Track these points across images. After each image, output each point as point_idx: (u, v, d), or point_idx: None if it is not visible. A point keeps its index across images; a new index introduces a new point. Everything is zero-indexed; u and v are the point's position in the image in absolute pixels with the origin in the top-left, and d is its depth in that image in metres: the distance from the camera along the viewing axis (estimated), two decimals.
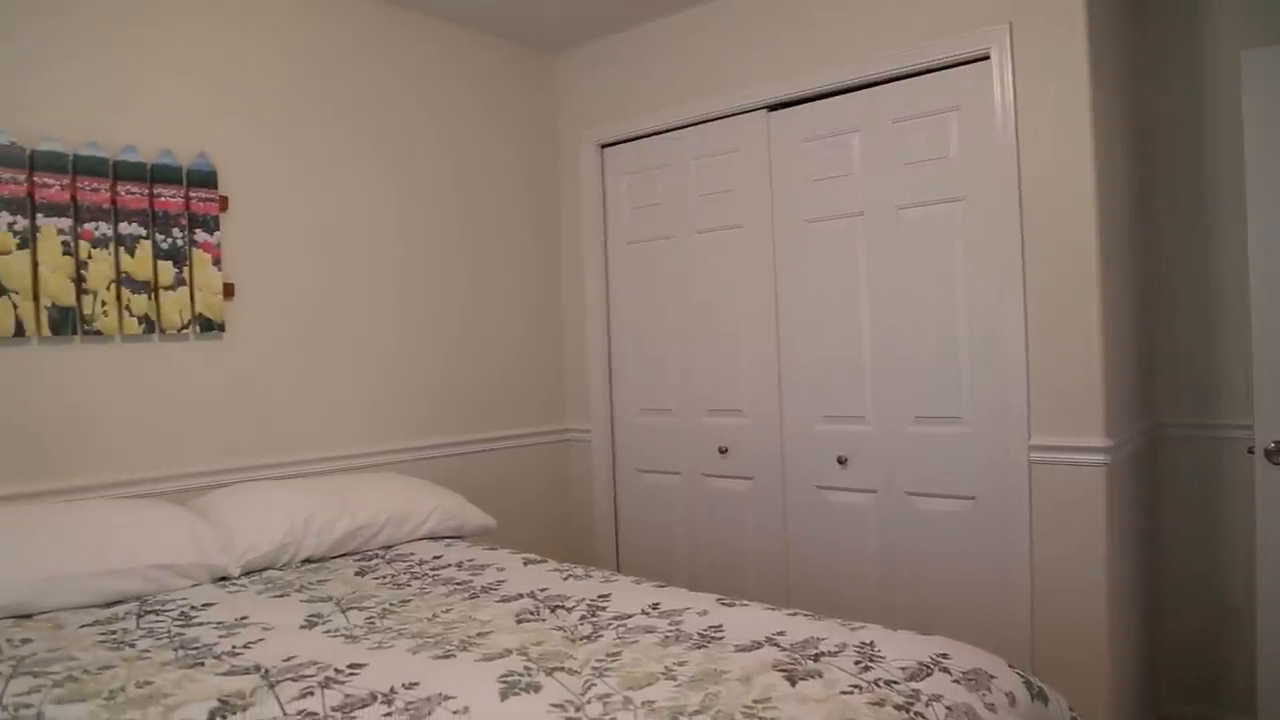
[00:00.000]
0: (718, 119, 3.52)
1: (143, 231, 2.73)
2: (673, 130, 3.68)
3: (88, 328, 2.63)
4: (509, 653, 1.76)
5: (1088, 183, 2.62)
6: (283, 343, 3.11)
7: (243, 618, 2.06)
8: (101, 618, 2.09)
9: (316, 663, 1.73)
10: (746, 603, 2.09)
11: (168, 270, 2.78)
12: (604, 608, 2.07)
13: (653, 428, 3.80)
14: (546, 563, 2.55)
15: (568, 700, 1.51)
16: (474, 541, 2.96)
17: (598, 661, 1.70)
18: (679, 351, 3.70)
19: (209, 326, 2.88)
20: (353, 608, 2.13)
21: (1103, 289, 2.64)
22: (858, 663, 1.67)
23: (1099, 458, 2.61)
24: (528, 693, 1.55)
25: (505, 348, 3.86)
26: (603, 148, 3.94)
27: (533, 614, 2.04)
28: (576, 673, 1.64)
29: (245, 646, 1.85)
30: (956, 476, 2.93)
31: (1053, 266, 2.69)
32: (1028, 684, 1.72)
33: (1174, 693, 3.14)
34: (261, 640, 1.89)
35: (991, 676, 1.67)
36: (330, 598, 2.22)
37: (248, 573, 2.49)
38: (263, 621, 2.03)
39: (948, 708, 1.51)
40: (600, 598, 2.15)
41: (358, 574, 2.48)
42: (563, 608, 2.08)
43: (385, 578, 2.43)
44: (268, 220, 3.08)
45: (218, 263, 2.90)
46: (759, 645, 1.78)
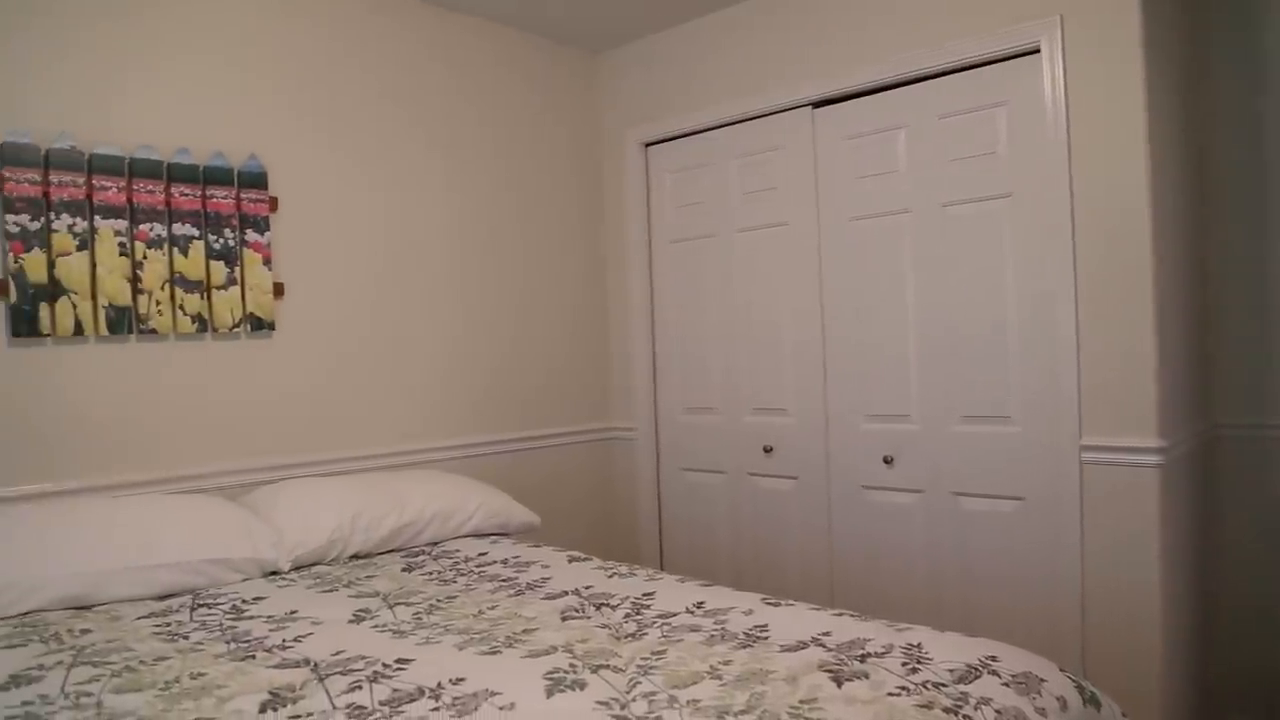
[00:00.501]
0: (761, 117, 3.50)
1: (195, 232, 2.79)
2: (716, 128, 3.67)
3: (143, 327, 2.69)
4: (554, 650, 1.77)
5: (1141, 177, 2.57)
6: (331, 342, 3.15)
7: (292, 612, 2.10)
8: (156, 610, 2.13)
9: (365, 657, 1.76)
10: (792, 602, 2.07)
11: (219, 270, 2.84)
12: (648, 606, 2.07)
13: (697, 426, 3.80)
14: (591, 560, 2.56)
15: (613, 698, 1.52)
16: (518, 539, 2.98)
17: (642, 660, 1.70)
18: (723, 350, 3.69)
19: (259, 325, 2.93)
20: (400, 603, 2.15)
21: (1157, 286, 2.58)
22: (905, 664, 1.65)
23: (1152, 458, 2.56)
24: (573, 690, 1.56)
25: (550, 346, 3.88)
26: (646, 146, 3.94)
27: (577, 611, 2.05)
28: (621, 670, 1.65)
29: (295, 640, 1.88)
30: (1005, 476, 2.88)
31: (1105, 263, 2.64)
32: (1079, 688, 1.69)
33: (1231, 703, 3.06)
34: (311, 634, 1.92)
35: (1042, 680, 1.64)
36: (378, 593, 2.25)
37: (297, 568, 2.52)
38: (312, 616, 2.06)
39: (997, 711, 1.49)
40: (645, 596, 2.15)
41: (404, 570, 2.51)
42: (607, 605, 2.09)
43: (431, 574, 2.46)
44: (317, 220, 3.12)
45: (268, 262, 2.95)
46: (804, 645, 1.77)
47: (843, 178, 3.26)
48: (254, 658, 1.77)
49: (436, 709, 1.49)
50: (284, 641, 1.87)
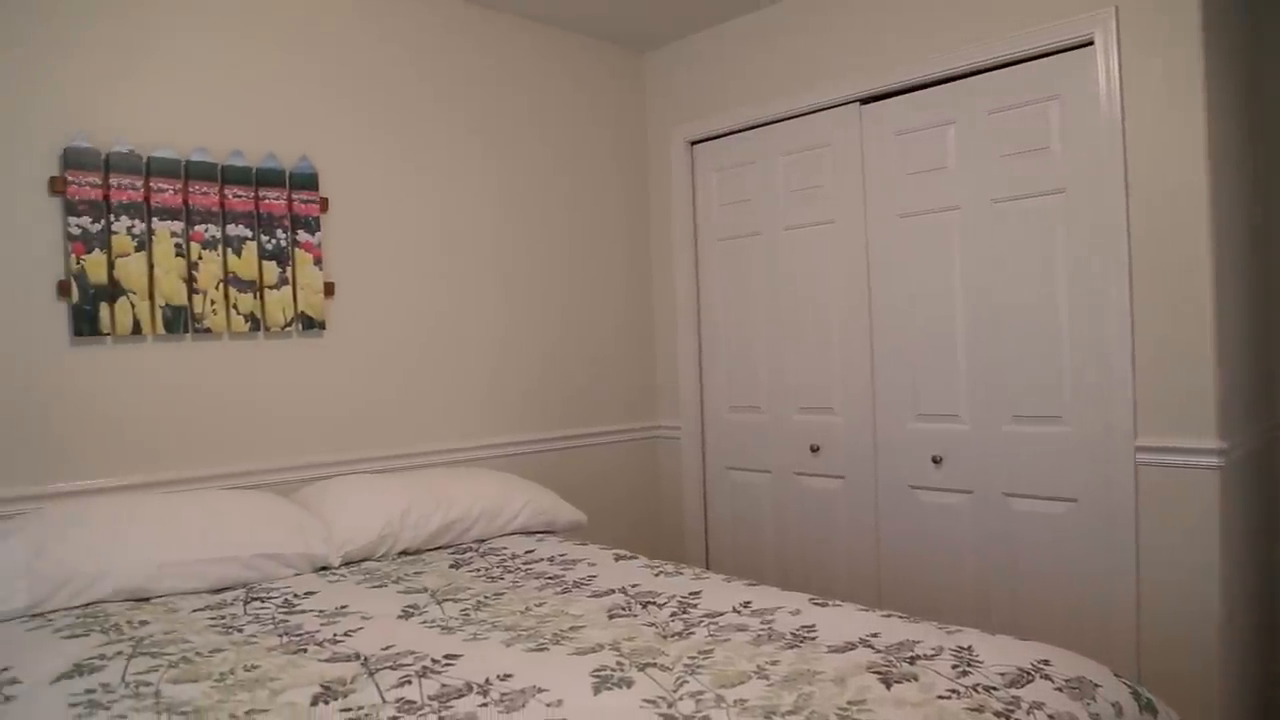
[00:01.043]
0: (808, 114, 3.48)
1: (248, 233, 2.84)
2: (762, 126, 3.65)
3: (198, 326, 2.74)
4: (601, 648, 1.77)
5: (1200, 171, 2.51)
6: (381, 340, 3.19)
7: (343, 607, 2.13)
8: (211, 603, 2.18)
9: (414, 652, 1.78)
10: (839, 603, 2.06)
11: (272, 270, 2.89)
12: (695, 605, 2.07)
13: (743, 425, 3.78)
14: (637, 559, 2.56)
15: (660, 696, 1.52)
16: (565, 537, 2.99)
17: (689, 659, 1.70)
18: (769, 348, 3.67)
19: (310, 324, 2.98)
20: (448, 599, 2.17)
21: (1216, 283, 2.52)
22: (955, 667, 1.63)
23: (1212, 460, 2.50)
24: (620, 688, 1.56)
25: (597, 345, 3.89)
26: (692, 144, 3.93)
27: (624, 610, 2.05)
28: (668, 669, 1.64)
29: (345, 635, 1.91)
30: (1057, 478, 2.83)
31: (1161, 260, 2.58)
32: (1135, 695, 1.66)
33: None
34: (361, 629, 1.94)
35: (1096, 685, 1.61)
36: (426, 589, 2.27)
37: (347, 563, 2.56)
38: (362, 611, 2.09)
39: (1050, 716, 1.47)
40: (691, 595, 2.15)
41: (452, 567, 2.53)
42: (654, 604, 2.09)
43: (479, 571, 2.48)
44: (367, 220, 3.16)
45: (319, 262, 2.99)
46: (853, 646, 1.75)
47: (891, 174, 3.23)
48: (305, 651, 1.80)
49: (485, 705, 1.50)
50: (335, 636, 1.90)
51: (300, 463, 2.96)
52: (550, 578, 2.38)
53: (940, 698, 1.49)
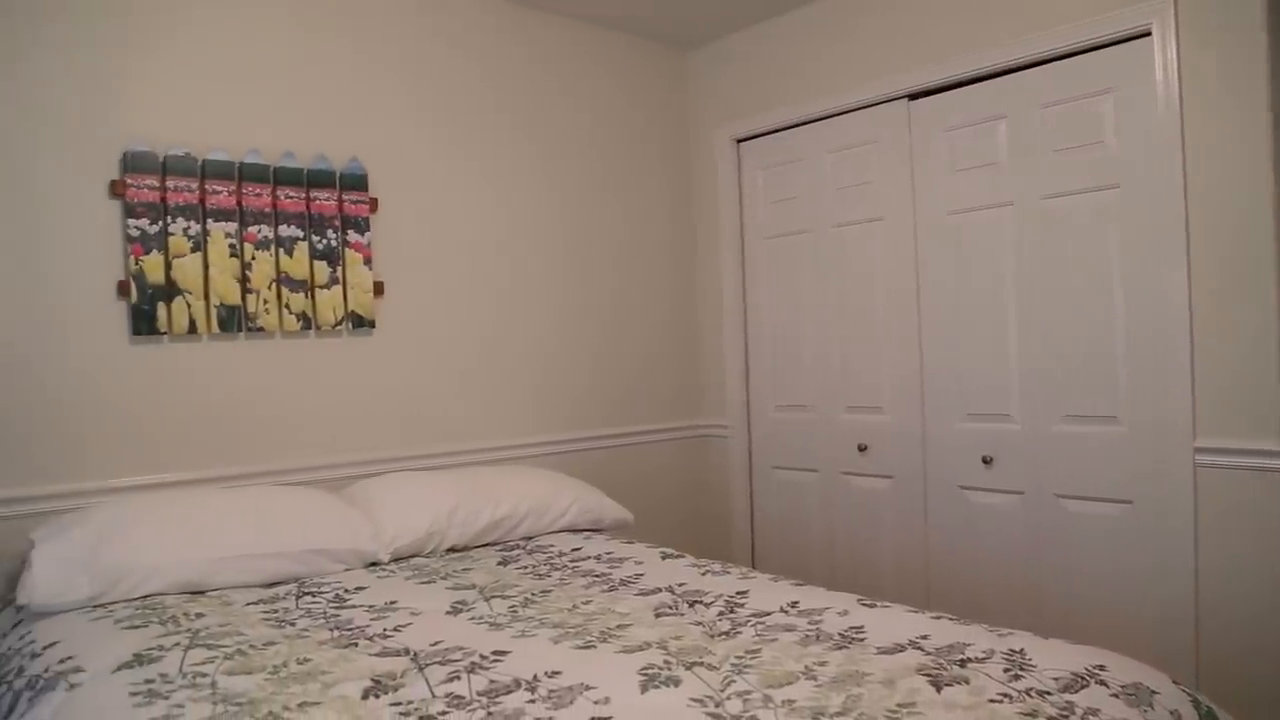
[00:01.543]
0: (855, 110, 3.45)
1: (300, 233, 2.88)
2: (809, 123, 3.62)
3: (251, 325, 2.79)
4: (648, 646, 1.77)
5: (1263, 165, 2.44)
6: (429, 339, 3.22)
7: (392, 602, 2.15)
8: (265, 596, 2.22)
9: (462, 648, 1.79)
10: (888, 604, 2.04)
11: (323, 270, 2.93)
12: (742, 604, 2.06)
13: (790, 424, 3.76)
14: (684, 558, 2.56)
15: (707, 695, 1.51)
16: (611, 535, 3.00)
17: (736, 658, 1.69)
18: (816, 347, 3.64)
19: (360, 323, 3.02)
20: (495, 596, 2.19)
21: None
22: (1007, 670, 1.61)
23: (1276, 462, 2.43)
24: (667, 686, 1.56)
25: (643, 343, 3.89)
26: (738, 142, 3.92)
27: (671, 608, 2.05)
28: (715, 668, 1.64)
29: (395, 630, 1.93)
30: (1111, 479, 2.78)
31: (1222, 256, 2.52)
32: (1195, 703, 1.61)
33: None
34: (410, 624, 1.96)
35: (1154, 692, 1.57)
36: (474, 586, 2.29)
37: (396, 559, 2.59)
38: (411, 606, 2.11)
39: None
40: (738, 594, 2.14)
41: (500, 563, 2.55)
42: (701, 603, 2.08)
43: (526, 568, 2.49)
44: (415, 220, 3.20)
45: (368, 262, 3.03)
46: (902, 648, 1.73)
47: (940, 170, 3.19)
48: (356, 645, 1.82)
49: (533, 701, 1.51)
50: (384, 630, 1.92)
51: (350, 460, 3.00)
52: (597, 576, 2.38)
53: (992, 701, 1.47)
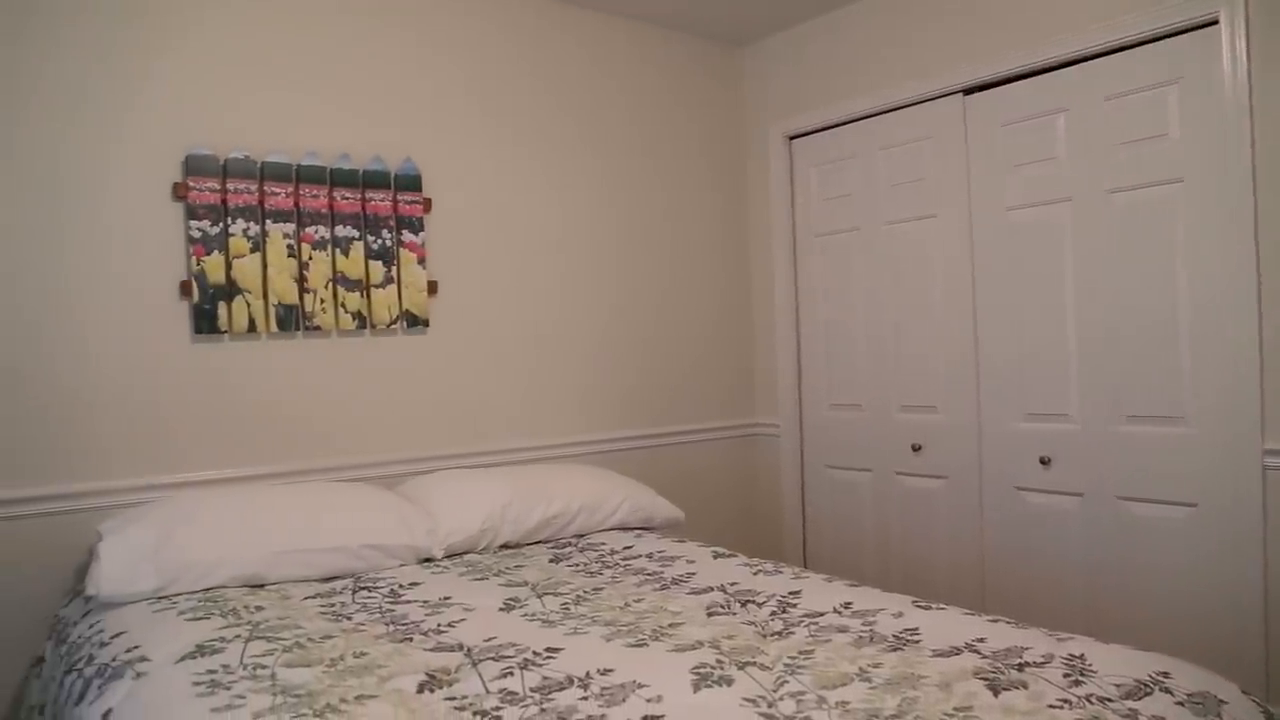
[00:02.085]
0: (909, 105, 3.40)
1: (355, 233, 2.93)
2: (862, 119, 3.58)
3: (308, 324, 2.84)
4: (700, 645, 1.77)
5: None
6: (482, 338, 3.25)
7: (446, 598, 2.17)
8: (322, 591, 2.26)
9: (515, 645, 1.80)
10: (943, 606, 2.01)
11: (378, 269, 2.97)
12: (795, 604, 2.04)
13: (842, 423, 3.73)
14: (736, 557, 2.55)
15: (760, 695, 1.51)
16: (663, 533, 3.00)
17: (790, 659, 1.68)
18: (870, 345, 3.61)
19: (414, 322, 3.05)
20: (548, 593, 2.20)
21: None
22: (1066, 675, 1.57)
23: None
24: (720, 685, 1.55)
25: (695, 342, 3.88)
26: (790, 139, 3.89)
27: (723, 608, 2.04)
28: (768, 669, 1.63)
29: (449, 625, 1.95)
30: (1175, 481, 2.71)
31: None
32: (1267, 715, 1.56)
33: None
34: (464, 620, 1.98)
35: (1222, 701, 1.53)
36: (526, 583, 2.31)
37: (450, 556, 2.62)
38: (464, 602, 2.13)
39: None
40: (791, 594, 2.12)
41: (552, 561, 2.56)
42: (753, 602, 2.07)
43: (578, 565, 2.50)
44: (469, 220, 3.23)
45: (422, 261, 3.06)
46: (958, 651, 1.71)
47: (997, 166, 3.13)
48: (411, 640, 1.85)
49: (585, 698, 1.51)
50: (438, 626, 1.94)
51: (403, 456, 3.04)
52: (649, 574, 2.38)
53: (1051, 707, 1.44)
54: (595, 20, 3.59)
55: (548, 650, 1.77)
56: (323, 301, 2.86)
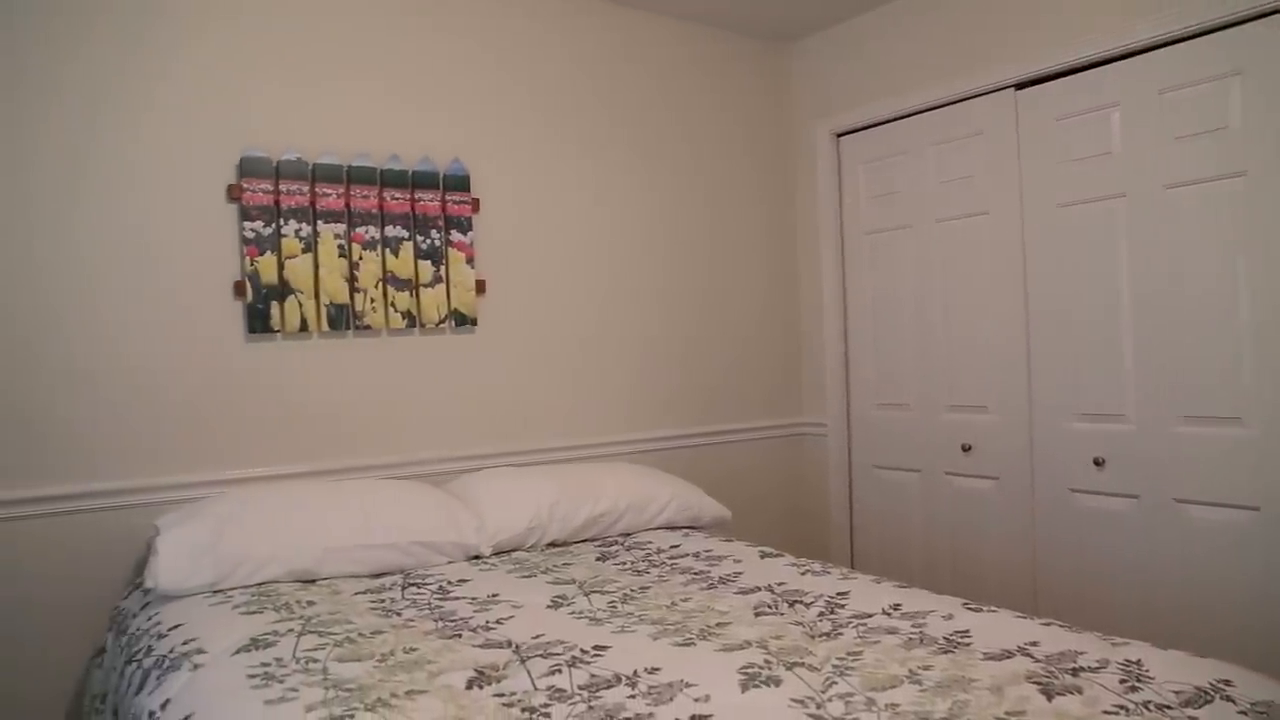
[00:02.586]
0: (959, 101, 3.35)
1: (405, 234, 2.96)
2: (911, 115, 3.55)
3: (359, 323, 2.88)
4: (748, 645, 1.76)
5: None
6: (529, 337, 3.27)
7: (494, 595, 2.19)
8: (372, 587, 2.28)
9: (563, 642, 1.81)
10: (994, 609, 1.98)
11: (427, 269, 3.00)
12: (843, 605, 2.03)
13: (890, 422, 3.69)
14: (783, 557, 2.53)
15: (808, 696, 1.50)
16: (710, 533, 2.99)
17: (838, 660, 1.67)
18: (918, 344, 3.56)
19: (463, 321, 3.08)
20: (595, 591, 2.20)
21: None
22: (1123, 681, 1.54)
23: None
24: (768, 686, 1.55)
25: (741, 341, 3.87)
26: (838, 137, 3.86)
27: (771, 608, 2.03)
28: (817, 669, 1.62)
29: (497, 622, 1.96)
30: (1236, 483, 2.64)
31: None
32: None
33: None
34: (512, 617, 2.00)
35: None
36: (573, 580, 2.31)
37: (497, 553, 2.64)
38: (512, 600, 2.14)
39: None
40: (839, 595, 2.11)
41: (599, 559, 2.57)
42: (801, 603, 2.06)
43: (625, 564, 2.50)
44: (516, 220, 3.25)
45: (470, 261, 3.09)
46: (1010, 654, 1.68)
47: (1049, 162, 3.08)
48: (460, 636, 1.86)
49: (633, 696, 1.52)
50: (487, 623, 1.96)
51: (451, 455, 3.07)
52: (696, 573, 2.38)
53: (1107, 714, 1.41)
54: (642, 19, 3.59)
55: (595, 648, 1.77)
56: (373, 301, 2.90)
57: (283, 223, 2.74)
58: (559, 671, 1.64)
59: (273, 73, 2.77)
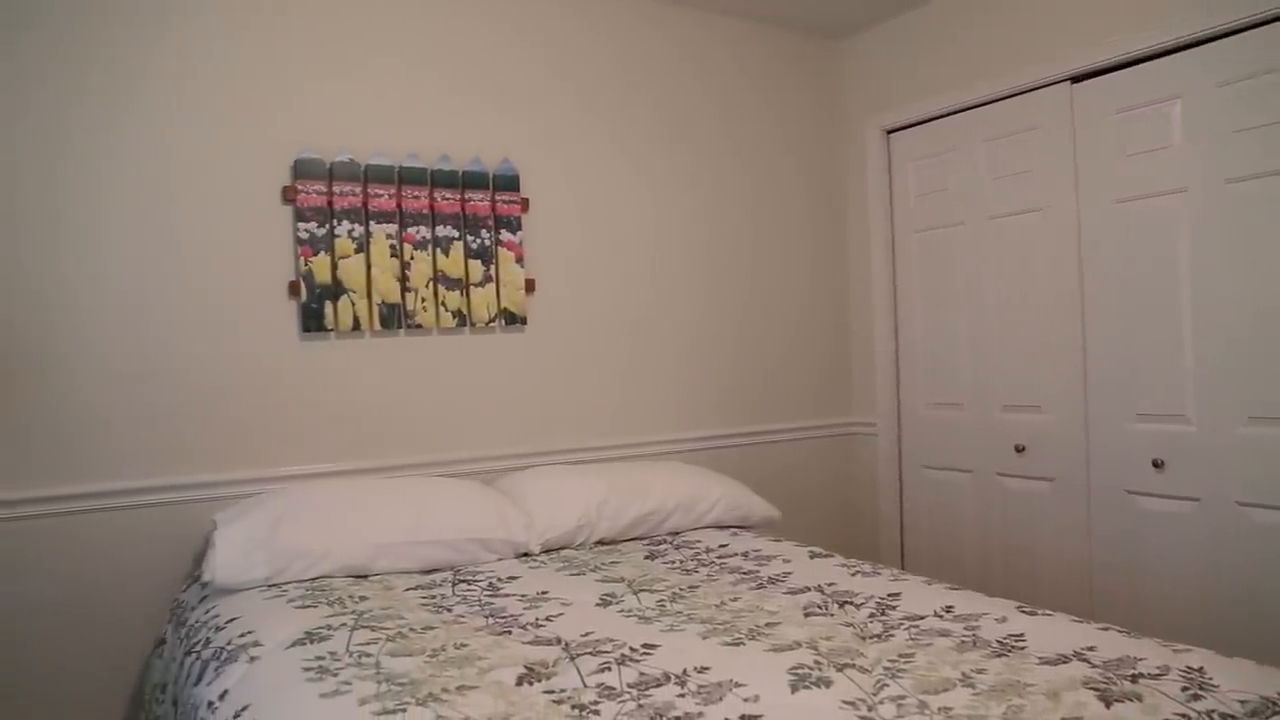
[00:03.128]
0: (1013, 95, 3.30)
1: (455, 233, 2.99)
2: (962, 111, 3.49)
3: (410, 322, 2.91)
4: (798, 645, 1.75)
5: None
6: (578, 336, 3.28)
7: (543, 592, 2.20)
8: (423, 583, 2.31)
9: (612, 640, 1.82)
10: (1050, 612, 1.94)
11: (477, 268, 3.02)
12: (894, 607, 2.01)
13: (942, 422, 3.64)
14: (833, 557, 2.51)
15: (859, 699, 1.48)
16: (759, 532, 2.98)
17: (889, 662, 1.65)
18: (971, 343, 3.51)
19: (512, 320, 3.10)
20: (644, 590, 2.21)
21: None
22: (1185, 689, 1.50)
23: None
24: (818, 687, 1.53)
25: (791, 340, 3.85)
26: (888, 133, 3.82)
27: (820, 608, 2.02)
28: (867, 671, 1.60)
29: (547, 619, 1.97)
30: None
31: None
32: None
33: None
34: (561, 615, 2.01)
35: None
36: (622, 579, 2.32)
37: (546, 551, 2.65)
38: (561, 597, 2.15)
39: None
40: (890, 596, 2.09)
41: (647, 557, 2.57)
42: (851, 604, 2.04)
43: (674, 563, 2.50)
44: (565, 219, 3.26)
45: (520, 260, 3.11)
46: (1066, 659, 1.65)
47: (1106, 157, 3.01)
48: (510, 633, 1.87)
49: (682, 695, 1.51)
50: (536, 620, 1.97)
51: (501, 453, 3.09)
52: (745, 573, 2.37)
53: None
54: (691, 17, 3.58)
55: (644, 646, 1.77)
56: (424, 300, 2.93)
57: (336, 223, 2.78)
58: (608, 669, 1.65)
59: (325, 76, 2.81)
